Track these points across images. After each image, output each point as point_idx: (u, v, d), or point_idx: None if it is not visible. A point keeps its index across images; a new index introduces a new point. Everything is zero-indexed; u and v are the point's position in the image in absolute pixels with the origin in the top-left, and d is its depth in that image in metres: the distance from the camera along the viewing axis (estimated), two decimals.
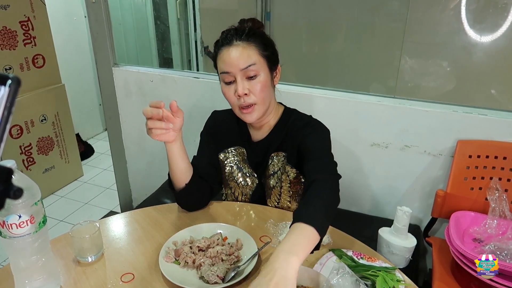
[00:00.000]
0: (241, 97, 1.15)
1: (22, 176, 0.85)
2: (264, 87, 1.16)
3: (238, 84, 1.14)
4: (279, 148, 1.27)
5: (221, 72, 1.17)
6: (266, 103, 1.19)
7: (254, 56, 1.14)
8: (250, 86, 1.14)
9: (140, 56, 3.02)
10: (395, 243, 1.36)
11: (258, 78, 1.15)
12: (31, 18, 2.58)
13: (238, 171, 1.33)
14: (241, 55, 1.13)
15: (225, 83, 1.18)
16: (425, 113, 1.58)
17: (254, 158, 1.31)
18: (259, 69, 1.14)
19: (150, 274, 1.00)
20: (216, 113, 1.40)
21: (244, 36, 1.15)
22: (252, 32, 1.17)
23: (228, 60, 1.14)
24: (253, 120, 1.20)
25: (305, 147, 1.17)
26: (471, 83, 2.18)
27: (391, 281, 0.94)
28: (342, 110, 1.70)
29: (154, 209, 1.28)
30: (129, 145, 2.32)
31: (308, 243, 0.87)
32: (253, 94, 1.15)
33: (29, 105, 2.64)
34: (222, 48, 1.16)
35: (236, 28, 1.19)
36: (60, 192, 2.94)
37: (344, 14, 2.50)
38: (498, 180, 1.43)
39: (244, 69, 1.13)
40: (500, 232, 1.34)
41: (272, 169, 1.27)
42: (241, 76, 1.14)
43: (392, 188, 1.74)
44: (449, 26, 2.12)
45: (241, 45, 1.14)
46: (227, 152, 1.33)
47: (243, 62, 1.12)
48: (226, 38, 1.16)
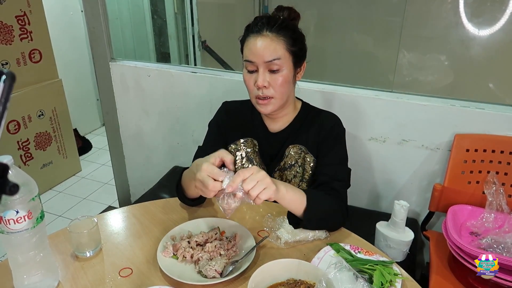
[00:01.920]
0: (260, 88, 1.14)
1: (19, 171, 0.85)
2: (284, 82, 1.15)
3: (260, 75, 1.13)
4: (296, 141, 1.27)
5: (245, 59, 1.16)
6: (284, 98, 1.19)
7: (281, 51, 1.12)
8: (271, 79, 1.14)
9: (137, 51, 3.01)
10: (393, 237, 1.37)
11: (281, 73, 1.14)
12: (27, 13, 2.56)
13: (248, 163, 1.31)
14: (268, 47, 1.11)
15: (248, 71, 1.17)
16: (423, 107, 1.58)
17: (269, 149, 1.30)
18: (283, 64, 1.13)
19: (148, 268, 1.00)
20: (227, 104, 1.38)
21: (275, 28, 1.12)
22: (285, 24, 1.14)
23: (254, 50, 1.12)
24: (267, 112, 1.20)
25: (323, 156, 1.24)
26: (469, 77, 2.18)
27: (389, 275, 0.94)
28: (339, 104, 1.70)
29: (152, 204, 1.28)
30: (127, 140, 2.32)
31: (294, 196, 1.01)
32: (273, 88, 1.14)
33: (26, 100, 2.63)
34: (251, 35, 1.14)
35: (269, 16, 1.16)
36: (58, 188, 2.94)
37: (342, 8, 2.50)
38: (495, 174, 1.44)
39: (268, 62, 1.12)
40: (497, 226, 1.35)
41: (290, 162, 1.27)
42: (264, 68, 1.13)
43: (390, 182, 1.75)
44: (447, 20, 2.12)
45: (270, 37, 1.12)
46: (238, 144, 1.32)
47: (269, 54, 1.11)
48: (256, 25, 1.14)
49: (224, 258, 1.00)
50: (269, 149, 1.30)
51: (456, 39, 2.14)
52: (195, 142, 2.06)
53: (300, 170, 1.28)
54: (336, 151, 1.23)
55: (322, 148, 1.24)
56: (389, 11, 2.34)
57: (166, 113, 2.12)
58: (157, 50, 2.96)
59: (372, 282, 0.93)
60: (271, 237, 1.09)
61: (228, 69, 2.57)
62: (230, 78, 1.90)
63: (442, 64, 2.20)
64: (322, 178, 1.19)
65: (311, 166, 1.26)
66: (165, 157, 2.24)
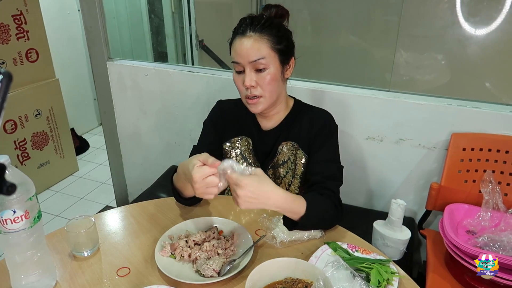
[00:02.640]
0: (248, 88, 1.15)
1: (16, 171, 0.84)
2: (272, 81, 1.16)
3: (246, 75, 1.14)
4: (289, 138, 1.28)
5: (232, 61, 1.18)
6: (274, 96, 1.19)
7: (265, 50, 1.13)
8: (258, 79, 1.15)
9: (134, 50, 3.00)
10: (390, 236, 1.37)
11: (267, 71, 1.14)
12: (23, 12, 2.55)
13: (243, 161, 1.32)
14: (251, 47, 1.12)
15: (236, 71, 1.18)
16: (420, 106, 1.58)
17: (262, 147, 1.31)
18: (269, 63, 1.14)
19: (146, 268, 1.00)
20: (221, 103, 1.39)
21: (258, 28, 1.13)
22: (268, 23, 1.15)
23: (239, 51, 1.14)
24: (257, 111, 1.21)
25: (315, 152, 1.24)
26: (466, 76, 2.19)
27: (386, 273, 0.95)
28: (336, 103, 1.70)
29: (150, 203, 1.28)
30: (125, 140, 2.31)
31: (292, 205, 1.02)
32: (260, 87, 1.15)
33: (23, 100, 2.62)
34: (236, 37, 1.16)
35: (253, 17, 1.17)
36: (55, 187, 2.94)
37: (339, 7, 2.50)
38: (491, 173, 1.45)
39: (253, 61, 1.13)
40: (493, 224, 1.35)
41: (282, 158, 1.28)
42: (250, 68, 1.14)
43: (387, 181, 1.75)
44: (444, 19, 2.12)
45: (253, 37, 1.13)
46: (233, 142, 1.33)
47: (253, 55, 1.12)
48: (241, 27, 1.16)
49: (222, 257, 1.00)
50: (262, 147, 1.31)
51: (453, 38, 2.14)
52: (193, 141, 2.04)
53: (292, 166, 1.29)
54: (328, 147, 1.24)
55: (314, 144, 1.24)
56: (386, 10, 2.35)
57: (164, 113, 2.12)
58: (154, 50, 2.95)
59: (369, 280, 0.93)
60: (267, 237, 1.09)
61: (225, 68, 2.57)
62: (227, 77, 1.90)
63: (439, 63, 2.21)
64: (315, 177, 1.19)
65: (302, 162, 1.27)
66: (163, 157, 2.23)
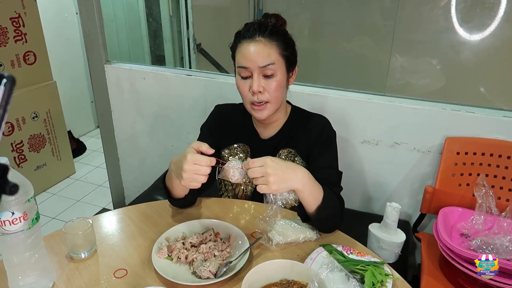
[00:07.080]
0: (255, 94, 1.15)
1: (15, 173, 0.85)
2: (279, 87, 1.16)
3: (254, 81, 1.14)
4: (288, 145, 1.28)
5: (239, 66, 1.16)
6: (279, 102, 1.20)
7: (274, 55, 1.13)
8: (266, 84, 1.15)
9: (132, 53, 3.01)
10: (385, 239, 1.38)
11: (275, 78, 1.15)
12: (21, 15, 2.56)
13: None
14: (261, 52, 1.12)
15: (241, 77, 1.17)
16: (415, 111, 1.60)
17: (261, 155, 1.31)
18: (277, 69, 1.14)
19: (143, 269, 1.01)
20: (220, 107, 1.39)
21: (267, 33, 1.13)
22: (276, 29, 1.15)
23: (248, 55, 1.13)
24: (263, 117, 1.20)
25: (315, 159, 1.24)
26: (460, 81, 2.21)
27: (380, 275, 0.96)
28: (332, 107, 1.71)
29: (147, 205, 1.29)
30: (122, 143, 2.32)
31: (314, 187, 1.05)
32: (268, 93, 1.15)
33: (20, 102, 2.63)
34: (243, 41, 1.15)
35: (259, 22, 1.16)
36: (52, 190, 2.93)
37: (335, 11, 2.52)
38: (485, 177, 1.46)
39: (262, 67, 1.12)
40: (486, 228, 1.37)
41: None
42: (258, 73, 1.14)
43: (382, 184, 1.77)
44: (438, 25, 2.15)
45: (263, 42, 1.13)
46: (231, 149, 1.33)
47: (263, 60, 1.12)
48: (248, 31, 1.15)
49: (218, 259, 1.01)
50: (261, 154, 1.31)
51: (447, 43, 2.17)
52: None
53: None
54: (328, 154, 1.24)
55: (314, 151, 1.25)
56: (381, 16, 2.37)
57: (161, 116, 2.13)
58: (152, 53, 2.96)
59: (363, 282, 0.94)
60: (263, 239, 1.10)
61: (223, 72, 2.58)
62: (224, 81, 1.91)
63: (434, 68, 2.23)
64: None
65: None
66: (160, 160, 2.24)
